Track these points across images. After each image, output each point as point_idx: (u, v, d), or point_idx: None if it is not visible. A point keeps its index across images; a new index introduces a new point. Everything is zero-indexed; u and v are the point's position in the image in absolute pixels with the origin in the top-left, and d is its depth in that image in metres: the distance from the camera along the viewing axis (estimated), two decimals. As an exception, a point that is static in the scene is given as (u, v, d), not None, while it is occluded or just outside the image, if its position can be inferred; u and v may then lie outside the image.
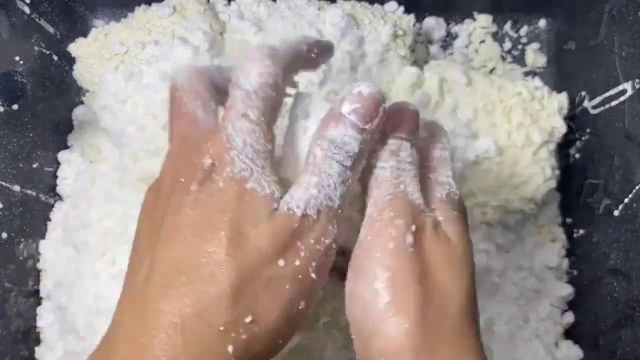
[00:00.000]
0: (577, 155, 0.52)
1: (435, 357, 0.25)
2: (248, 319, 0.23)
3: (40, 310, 0.48)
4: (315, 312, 0.45)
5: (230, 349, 0.23)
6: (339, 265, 0.28)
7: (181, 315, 0.22)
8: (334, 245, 0.26)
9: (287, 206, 0.25)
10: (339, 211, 0.26)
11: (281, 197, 0.25)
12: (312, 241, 0.25)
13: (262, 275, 0.24)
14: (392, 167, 0.28)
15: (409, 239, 0.26)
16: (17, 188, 0.46)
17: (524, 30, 0.57)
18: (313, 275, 0.25)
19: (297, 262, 0.24)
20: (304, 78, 0.44)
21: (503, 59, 0.57)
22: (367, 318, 0.26)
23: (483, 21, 0.57)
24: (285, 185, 0.26)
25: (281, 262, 0.24)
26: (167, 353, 0.22)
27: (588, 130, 0.50)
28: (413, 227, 0.26)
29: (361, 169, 0.27)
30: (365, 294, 0.26)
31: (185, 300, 0.23)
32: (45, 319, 0.47)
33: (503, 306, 0.49)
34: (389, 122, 0.28)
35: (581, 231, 0.51)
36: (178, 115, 0.28)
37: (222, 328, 0.23)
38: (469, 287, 0.27)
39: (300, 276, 0.24)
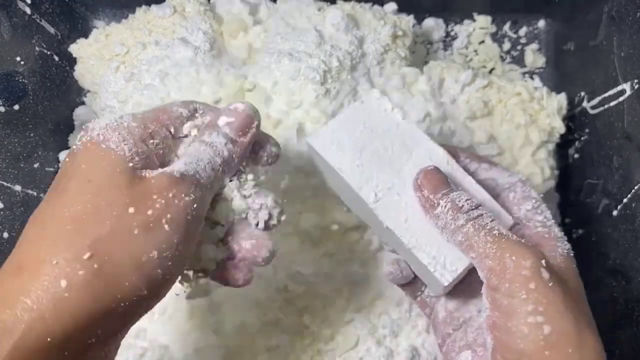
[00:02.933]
0: (576, 156, 0.52)
1: None
2: (86, 255, 0.24)
3: (41, 309, 0.48)
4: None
5: (63, 283, 0.24)
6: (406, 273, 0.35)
7: (24, 258, 0.25)
8: (194, 206, 0.27)
9: (151, 173, 0.28)
10: (206, 188, 0.29)
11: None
12: (170, 195, 0.27)
13: (109, 220, 0.25)
14: (468, 220, 0.30)
15: (545, 274, 0.28)
16: (18, 188, 0.46)
17: (523, 30, 0.57)
18: (166, 226, 0.26)
19: (150, 212, 0.26)
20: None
21: (502, 59, 0.57)
22: (528, 347, 0.28)
23: (482, 22, 0.57)
24: None
25: (131, 210, 0.26)
26: (16, 286, 0.24)
27: (587, 130, 0.50)
28: (543, 262, 0.29)
29: (235, 170, 0.31)
30: (523, 328, 0.28)
31: (32, 246, 0.25)
32: (46, 318, 0.48)
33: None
34: (425, 189, 0.32)
35: (580, 231, 0.51)
36: None
37: (54, 262, 0.24)
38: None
39: (151, 225, 0.26)
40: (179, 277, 0.31)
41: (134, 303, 0.26)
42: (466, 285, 0.33)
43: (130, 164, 0.27)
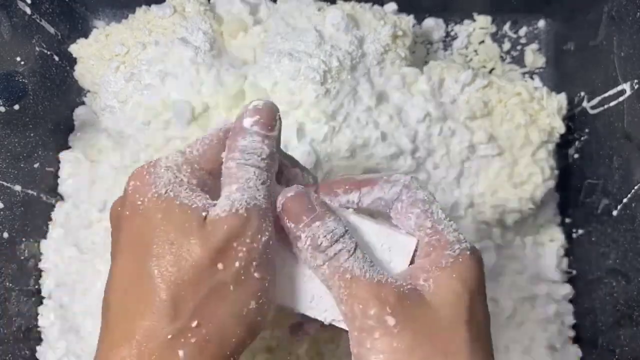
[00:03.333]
0: (576, 156, 0.52)
1: None
2: (194, 324, 0.25)
3: (41, 309, 0.48)
4: None
5: (181, 353, 0.24)
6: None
7: (131, 331, 0.25)
8: (271, 243, 0.27)
9: (215, 213, 0.26)
10: (268, 212, 0.27)
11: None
12: (248, 240, 0.26)
13: (203, 281, 0.25)
14: (325, 259, 0.28)
15: (391, 321, 0.26)
16: (18, 188, 0.46)
17: (523, 30, 0.57)
18: (256, 274, 0.26)
19: (237, 264, 0.25)
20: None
21: (502, 59, 0.57)
22: None
23: (482, 22, 0.57)
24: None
25: (220, 266, 0.25)
26: None
27: (587, 130, 0.50)
28: (388, 309, 0.26)
29: (275, 170, 0.29)
30: None
31: (133, 317, 0.25)
32: (47, 318, 0.48)
33: (501, 306, 0.49)
34: (288, 219, 0.29)
35: (580, 231, 0.51)
36: None
37: (169, 336, 0.24)
38: (469, 340, 0.27)
39: (242, 277, 0.25)
40: None
41: (239, 351, 0.26)
42: None
43: (202, 214, 0.26)
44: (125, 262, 0.26)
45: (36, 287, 0.48)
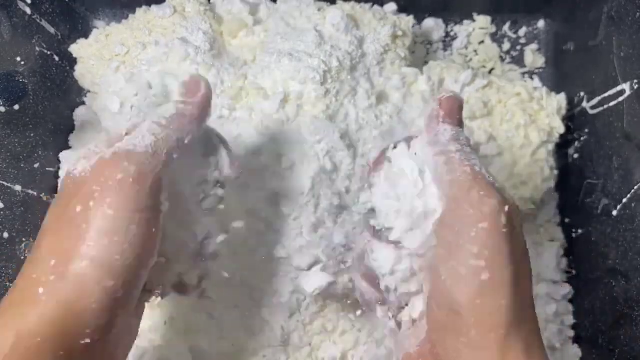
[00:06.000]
0: (576, 156, 0.52)
1: (521, 332, 0.27)
2: (52, 262, 0.26)
3: (41, 309, 0.48)
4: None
5: (40, 290, 0.26)
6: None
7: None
8: (131, 179, 0.27)
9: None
10: (147, 155, 0.28)
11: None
12: (102, 179, 0.27)
13: (61, 218, 0.28)
14: (458, 150, 0.30)
15: (503, 219, 0.27)
16: (18, 188, 0.46)
17: (522, 31, 0.57)
18: (109, 211, 0.27)
19: (91, 203, 0.27)
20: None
21: (502, 59, 0.57)
22: (461, 292, 0.27)
23: (482, 22, 0.57)
24: None
25: (78, 208, 0.27)
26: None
27: (587, 130, 0.50)
28: (506, 208, 0.27)
29: (190, 128, 0.31)
30: (461, 269, 0.27)
31: None
32: (46, 318, 0.47)
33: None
34: (442, 110, 0.31)
35: (580, 231, 0.51)
36: None
37: (34, 276, 0.27)
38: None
39: (99, 214, 0.27)
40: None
41: (110, 301, 0.27)
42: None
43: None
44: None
45: (36, 287, 0.48)
